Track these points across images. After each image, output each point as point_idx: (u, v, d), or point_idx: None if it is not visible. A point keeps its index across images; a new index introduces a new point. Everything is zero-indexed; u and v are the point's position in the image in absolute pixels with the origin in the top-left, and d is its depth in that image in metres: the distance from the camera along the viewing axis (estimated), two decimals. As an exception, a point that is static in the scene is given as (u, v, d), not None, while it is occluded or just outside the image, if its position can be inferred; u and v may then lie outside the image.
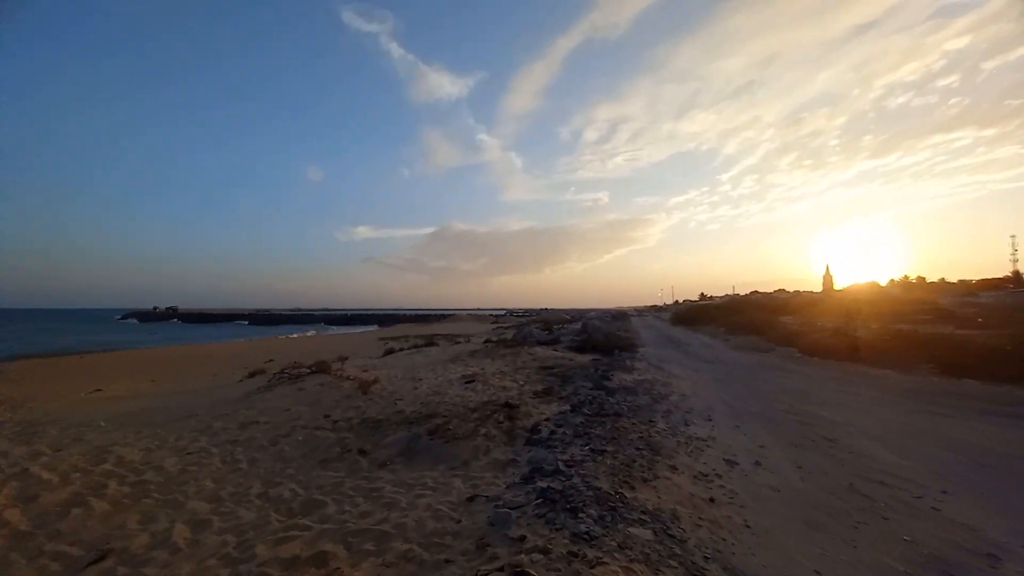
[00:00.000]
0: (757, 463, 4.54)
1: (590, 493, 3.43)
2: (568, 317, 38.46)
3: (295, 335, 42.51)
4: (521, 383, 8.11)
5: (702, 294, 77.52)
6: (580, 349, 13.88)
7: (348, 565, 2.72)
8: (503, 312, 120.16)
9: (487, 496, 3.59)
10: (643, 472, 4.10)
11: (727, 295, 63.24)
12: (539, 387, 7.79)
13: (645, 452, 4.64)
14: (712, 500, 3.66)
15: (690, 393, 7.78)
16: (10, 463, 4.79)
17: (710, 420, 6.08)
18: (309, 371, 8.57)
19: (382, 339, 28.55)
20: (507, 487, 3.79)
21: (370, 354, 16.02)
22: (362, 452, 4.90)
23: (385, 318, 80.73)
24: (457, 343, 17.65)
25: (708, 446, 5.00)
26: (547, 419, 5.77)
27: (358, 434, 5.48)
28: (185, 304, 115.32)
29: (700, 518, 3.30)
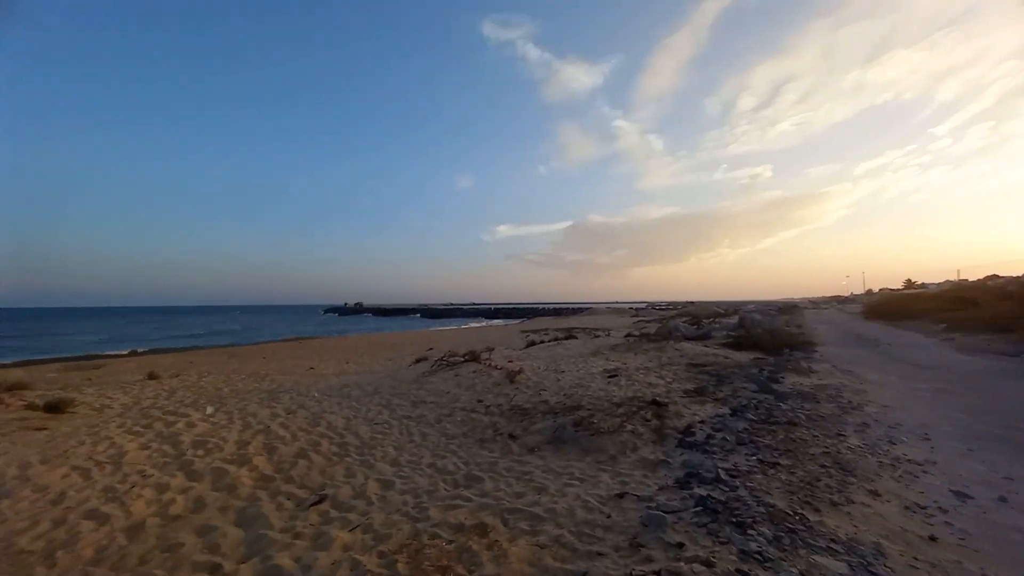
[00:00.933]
0: (1002, 499, 3.46)
1: (761, 509, 3.03)
2: (720, 310, 34.63)
3: (452, 327, 47.55)
4: (668, 380, 7.61)
5: (908, 281, 61.09)
6: (736, 346, 12.39)
7: (506, 540, 2.91)
8: (643, 305, 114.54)
9: (637, 495, 3.46)
10: (831, 494, 3.47)
11: (947, 281, 48.82)
12: (689, 386, 7.20)
13: (833, 471, 3.92)
14: (934, 539, 2.89)
15: (895, 404, 6.29)
16: (258, 421, 6.37)
17: (927, 440, 4.83)
18: (463, 360, 9.45)
19: (524, 332, 29.90)
20: (659, 489, 3.59)
21: (513, 346, 16.91)
22: (512, 436, 5.20)
23: (526, 312, 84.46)
24: (597, 337, 17.43)
25: (925, 472, 3.98)
26: (702, 421, 5.30)
27: (508, 419, 5.84)
28: (369, 301, 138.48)
29: (916, 559, 2.65)
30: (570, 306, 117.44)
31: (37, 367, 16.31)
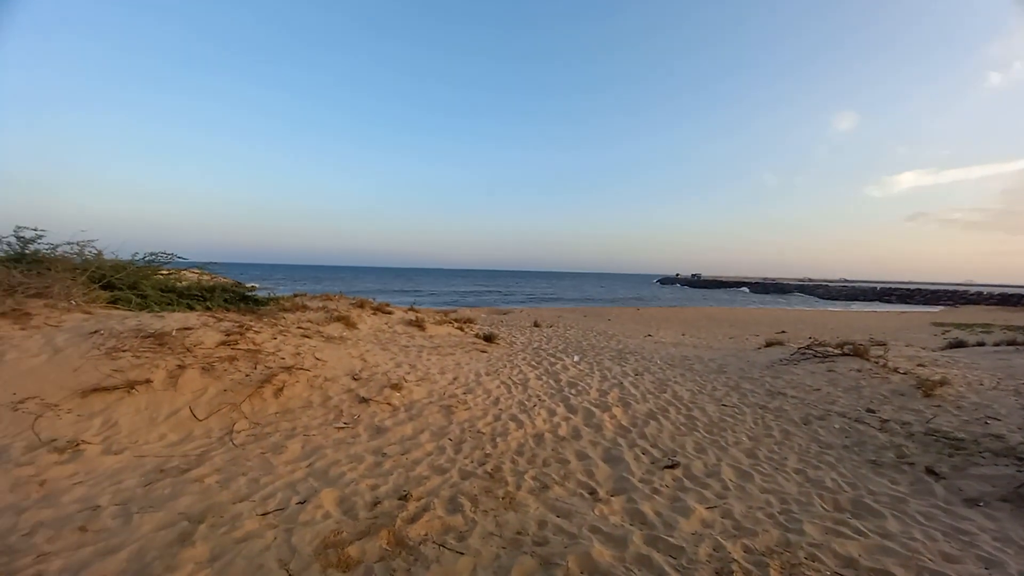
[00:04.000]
0: None
1: None
2: None
3: (810, 309, 39.10)
4: None
5: None
6: None
7: (938, 616, 2.09)
8: None
9: None
10: None
11: None
12: None
13: None
14: None
15: None
16: (613, 376, 7.21)
17: None
18: (839, 352, 7.52)
19: (939, 324, 20.99)
20: None
21: (921, 343, 12.11)
22: (933, 473, 3.71)
23: (940, 296, 58.69)
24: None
25: None
26: None
27: (923, 446, 4.21)
28: (707, 272, 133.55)
29: None
30: (1039, 293, 72.79)
31: (475, 309, 24.64)
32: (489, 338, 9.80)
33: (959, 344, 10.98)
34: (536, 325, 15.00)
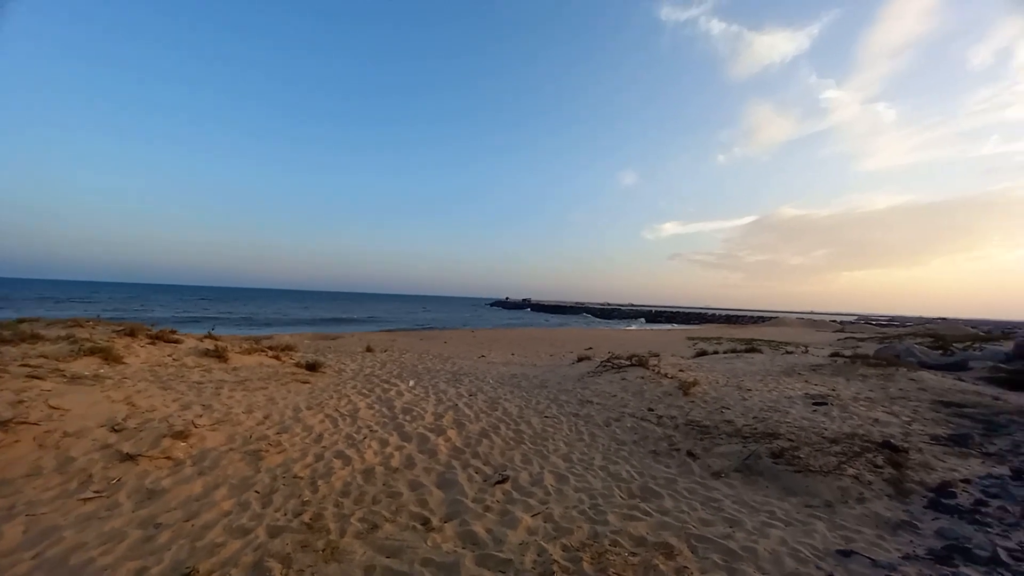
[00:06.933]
0: None
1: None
2: (980, 332, 25.66)
3: (608, 328, 46.72)
4: (905, 420, 5.95)
5: None
6: (1012, 384, 8.98)
7: (697, 569, 2.66)
8: (852, 318, 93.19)
9: (871, 559, 2.77)
10: None
11: None
12: (940, 431, 5.51)
13: None
14: None
15: None
16: (448, 398, 7.26)
17: None
18: (628, 363, 9.13)
19: (690, 339, 27.44)
20: (903, 557, 2.83)
21: (680, 353, 15.64)
22: (692, 455, 4.78)
23: (690, 317, 77.40)
24: (789, 353, 14.81)
25: None
26: (965, 480, 3.99)
27: (684, 435, 5.39)
28: (532, 297, 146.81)
29: None
30: (747, 314, 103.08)
31: (298, 335, 21.91)
32: (313, 367, 8.78)
33: (703, 353, 14.56)
34: (369, 350, 14.11)
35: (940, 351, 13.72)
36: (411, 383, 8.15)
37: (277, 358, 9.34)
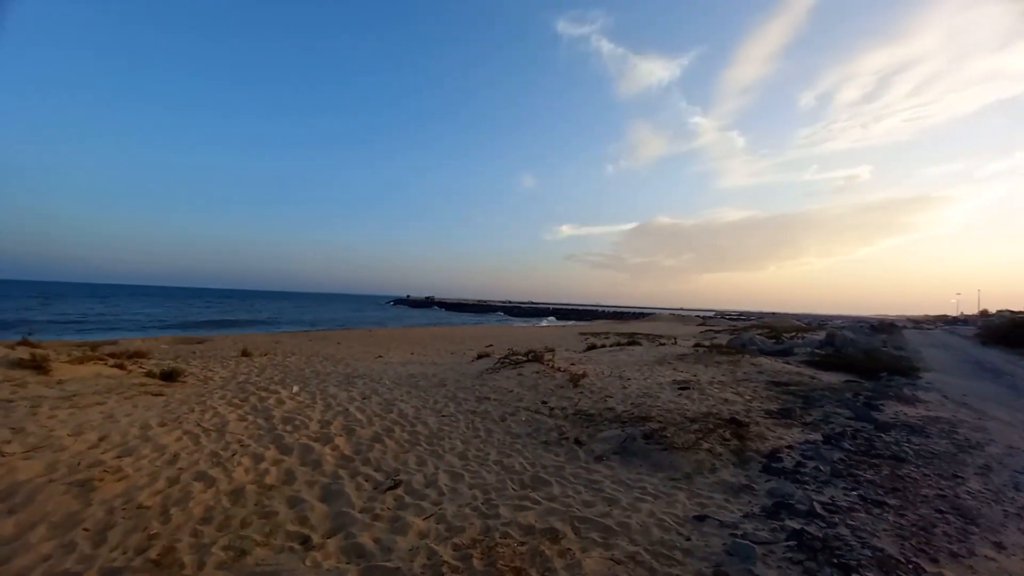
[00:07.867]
0: None
1: (867, 552, 2.71)
2: (802, 324, 31.72)
3: (506, 325, 48.00)
4: (747, 398, 7.09)
5: (1038, 303, 52.11)
6: (823, 365, 11.29)
7: (579, 549, 2.84)
8: (711, 313, 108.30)
9: (719, 520, 3.24)
10: (949, 543, 3.04)
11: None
12: (772, 406, 6.66)
13: (951, 517, 3.43)
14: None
15: (1028, 447, 5.38)
16: (338, 403, 6.80)
17: (1076, 494, 4.07)
18: (525, 359, 9.47)
19: (582, 334, 29.39)
20: (743, 516, 3.35)
21: (573, 348, 16.69)
22: (578, 442, 5.11)
23: (583, 314, 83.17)
24: (661, 344, 16.70)
25: (1074, 532, 3.35)
26: (789, 446, 4.87)
27: (573, 424, 5.75)
28: (433, 295, 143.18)
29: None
30: (631, 310, 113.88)
31: (153, 339, 18.69)
32: (170, 376, 7.56)
33: (593, 347, 15.70)
34: (245, 354, 12.57)
35: (773, 340, 16.62)
36: (295, 389, 7.45)
37: (121, 367, 7.87)
